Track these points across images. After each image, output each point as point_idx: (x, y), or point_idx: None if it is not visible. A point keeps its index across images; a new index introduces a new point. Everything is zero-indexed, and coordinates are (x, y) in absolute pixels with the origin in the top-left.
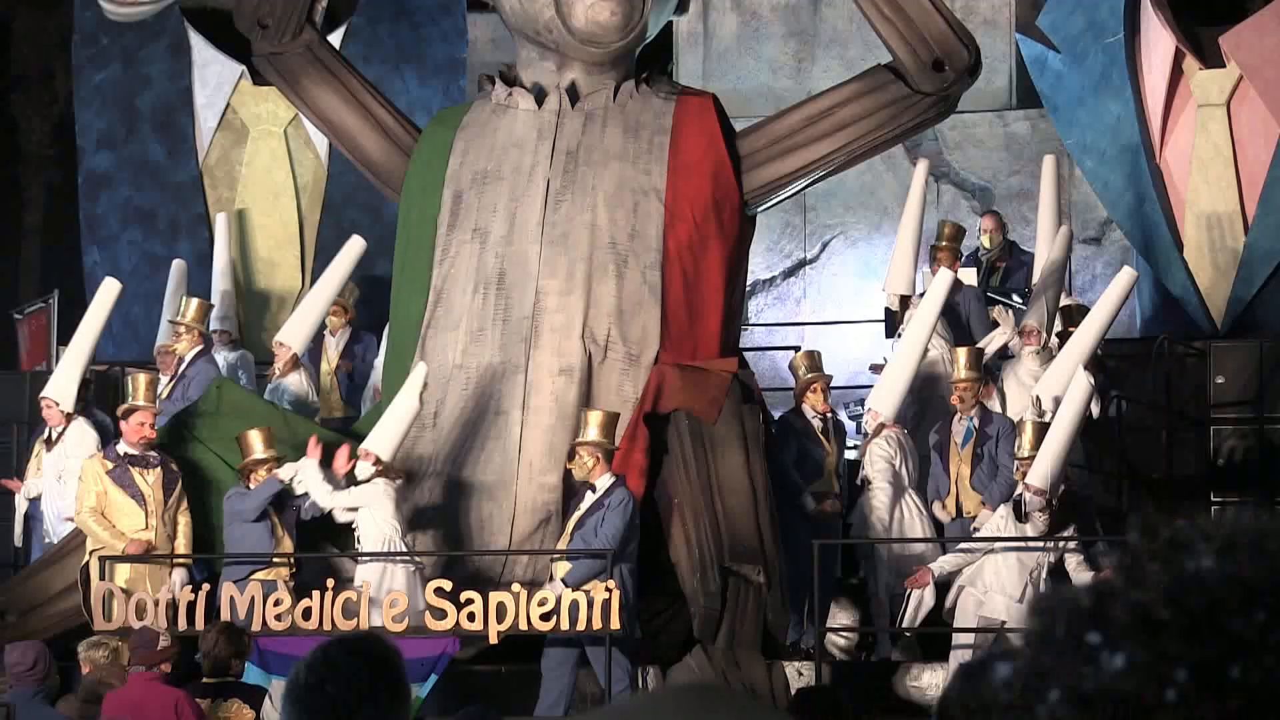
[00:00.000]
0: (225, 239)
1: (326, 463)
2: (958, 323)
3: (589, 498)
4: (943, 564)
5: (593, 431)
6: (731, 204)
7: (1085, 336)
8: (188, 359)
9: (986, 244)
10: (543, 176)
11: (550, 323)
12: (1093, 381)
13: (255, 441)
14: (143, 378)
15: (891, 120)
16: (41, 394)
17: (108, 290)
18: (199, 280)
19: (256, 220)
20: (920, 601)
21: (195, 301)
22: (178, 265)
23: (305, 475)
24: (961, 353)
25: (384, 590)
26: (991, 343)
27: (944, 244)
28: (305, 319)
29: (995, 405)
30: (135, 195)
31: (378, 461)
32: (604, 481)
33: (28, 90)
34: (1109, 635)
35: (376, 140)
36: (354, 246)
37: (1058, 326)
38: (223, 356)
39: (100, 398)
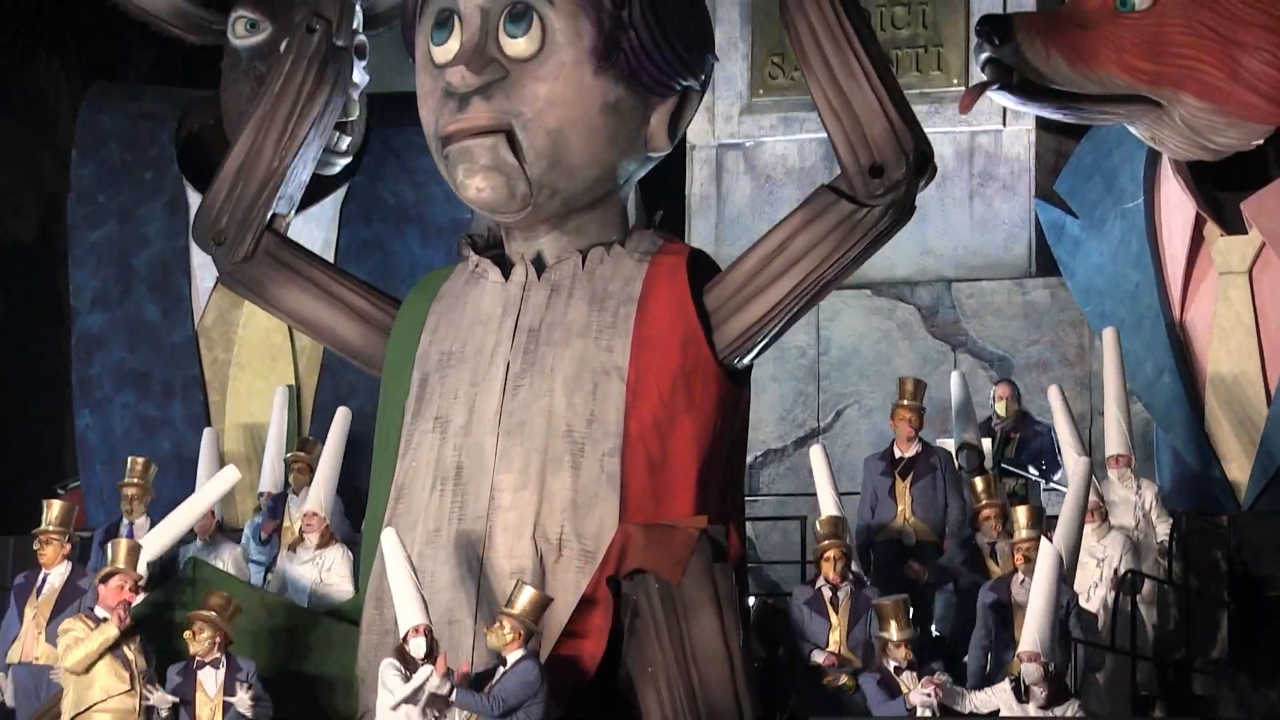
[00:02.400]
0: (283, 413)
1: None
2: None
3: (499, 672)
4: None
5: (522, 604)
6: (705, 372)
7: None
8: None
9: (1001, 413)
10: (503, 359)
11: (503, 521)
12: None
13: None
14: (124, 543)
15: (845, 241)
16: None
17: (225, 479)
18: (193, 443)
19: (252, 383)
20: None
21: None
22: (208, 434)
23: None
24: (1021, 511)
25: None
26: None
27: (906, 402)
28: (328, 486)
29: None
30: (129, 357)
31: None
32: (514, 656)
33: None
34: None
35: (353, 328)
36: (342, 418)
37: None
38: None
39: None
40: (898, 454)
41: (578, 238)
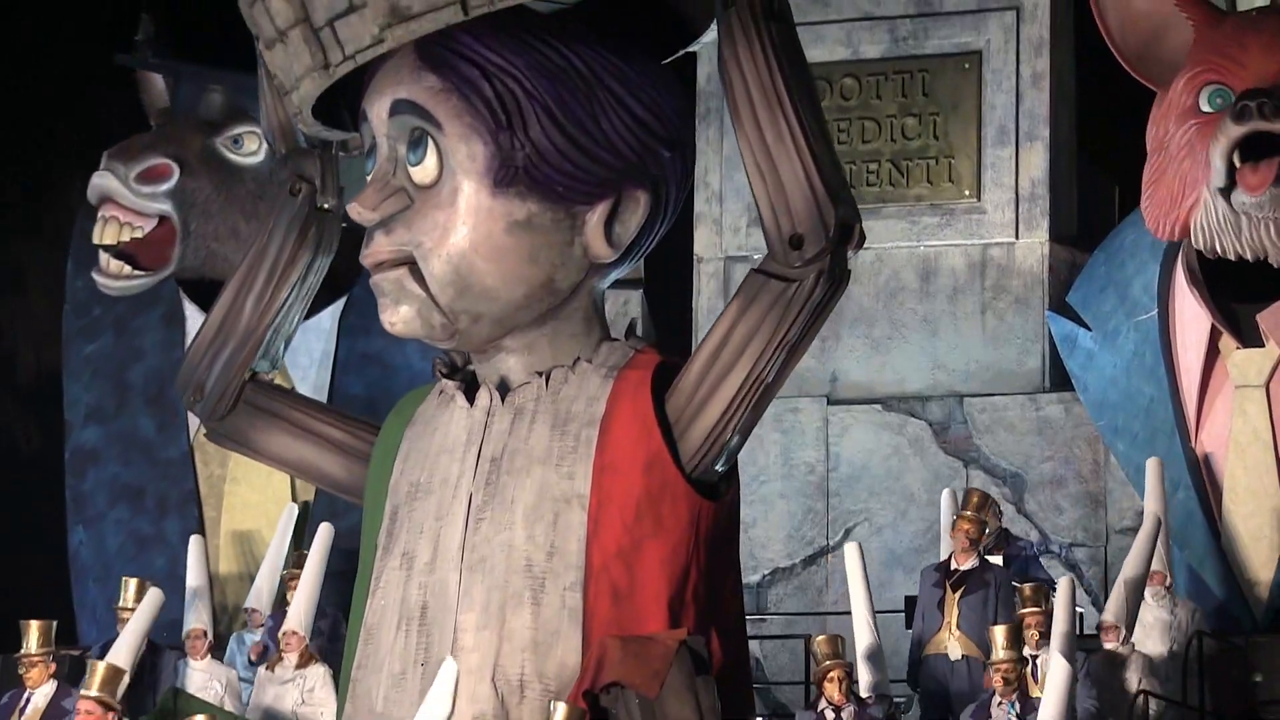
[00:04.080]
0: (287, 531)
1: None
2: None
3: None
4: None
5: None
6: (673, 492)
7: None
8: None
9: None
10: (466, 490)
11: (466, 663)
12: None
13: None
14: (101, 668)
15: (784, 320)
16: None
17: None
18: (187, 561)
19: (248, 498)
20: None
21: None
22: (195, 543)
23: None
24: (999, 631)
25: None
26: None
27: (969, 514)
28: (308, 604)
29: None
30: (123, 472)
31: None
32: None
33: None
34: None
35: (335, 461)
36: (324, 534)
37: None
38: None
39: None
40: (953, 566)
41: (536, 357)
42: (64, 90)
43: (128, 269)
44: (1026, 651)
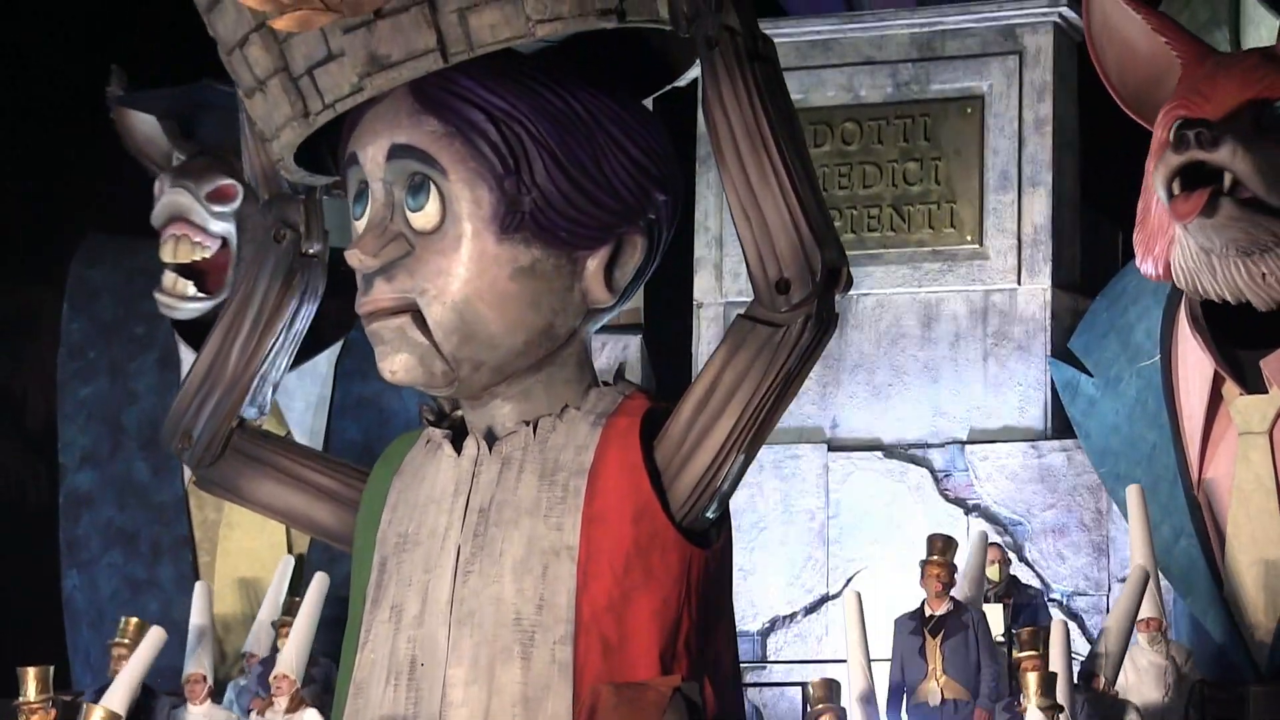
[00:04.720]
0: (283, 582)
1: None
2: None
3: None
4: None
5: None
6: (663, 542)
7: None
8: None
9: (994, 577)
10: (454, 542)
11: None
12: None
13: None
14: (98, 710)
15: (772, 366)
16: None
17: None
18: (180, 605)
19: (243, 543)
20: None
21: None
22: (200, 588)
23: None
24: (1033, 679)
25: None
26: None
27: (936, 559)
28: (300, 649)
29: None
30: (117, 516)
31: None
32: None
33: None
34: None
35: (325, 509)
36: (319, 583)
37: None
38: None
39: None
40: (928, 612)
41: (527, 404)
42: (73, 135)
43: (192, 289)
44: (1022, 698)
